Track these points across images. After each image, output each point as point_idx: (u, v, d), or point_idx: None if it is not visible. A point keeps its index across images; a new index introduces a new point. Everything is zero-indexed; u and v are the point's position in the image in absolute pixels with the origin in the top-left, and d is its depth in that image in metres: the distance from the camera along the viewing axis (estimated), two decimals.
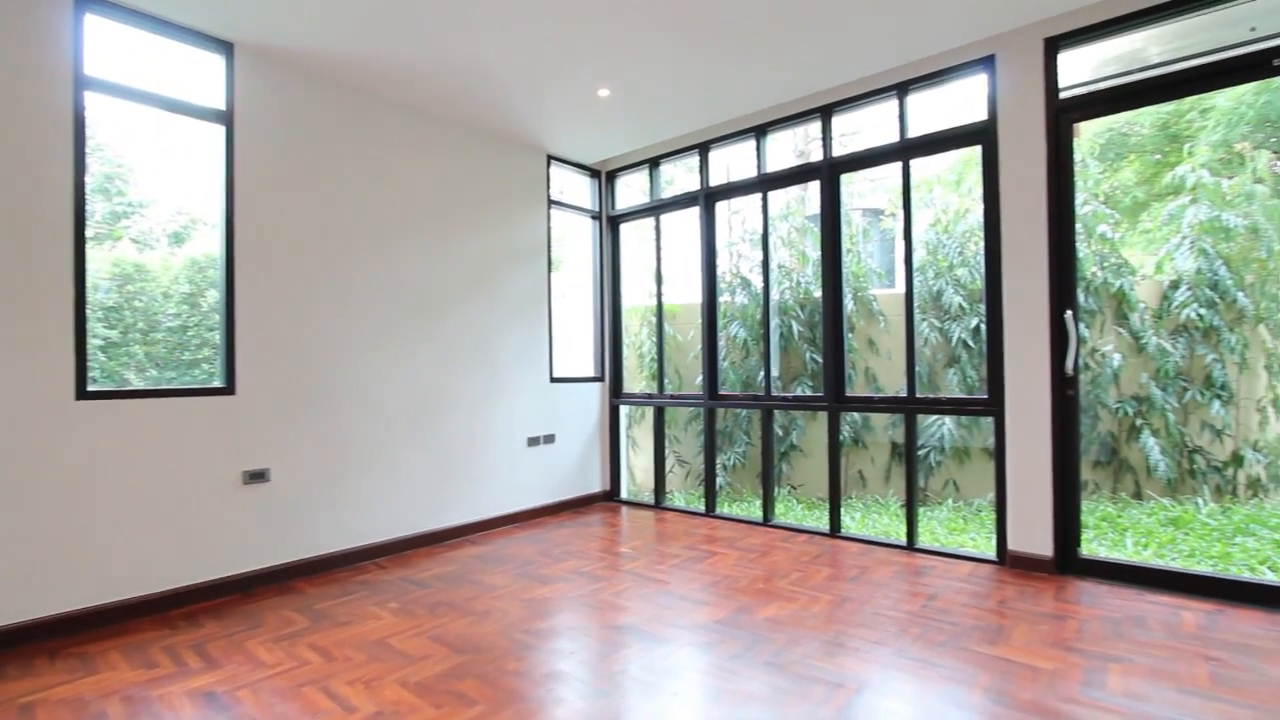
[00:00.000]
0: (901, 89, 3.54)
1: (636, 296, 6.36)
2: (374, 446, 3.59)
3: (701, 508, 4.62)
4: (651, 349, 6.06)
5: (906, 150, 3.57)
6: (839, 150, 3.88)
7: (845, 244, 5.97)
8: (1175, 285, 4.83)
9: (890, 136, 3.63)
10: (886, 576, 3.13)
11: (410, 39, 3.07)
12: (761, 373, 4.43)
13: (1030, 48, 3.11)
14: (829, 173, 3.85)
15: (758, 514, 4.34)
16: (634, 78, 3.55)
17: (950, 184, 6.06)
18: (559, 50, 3.22)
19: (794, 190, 6.19)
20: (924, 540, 3.89)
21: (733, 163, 5.38)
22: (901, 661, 2.24)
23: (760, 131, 4.16)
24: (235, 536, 3.06)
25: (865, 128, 4.42)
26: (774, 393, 4.37)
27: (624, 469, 5.15)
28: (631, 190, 5.36)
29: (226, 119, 3.08)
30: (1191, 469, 4.71)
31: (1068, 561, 3.08)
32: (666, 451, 5.12)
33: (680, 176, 5.64)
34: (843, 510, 3.97)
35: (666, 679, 2.14)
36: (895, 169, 3.67)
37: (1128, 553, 3.93)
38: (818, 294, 4.01)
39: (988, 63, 3.25)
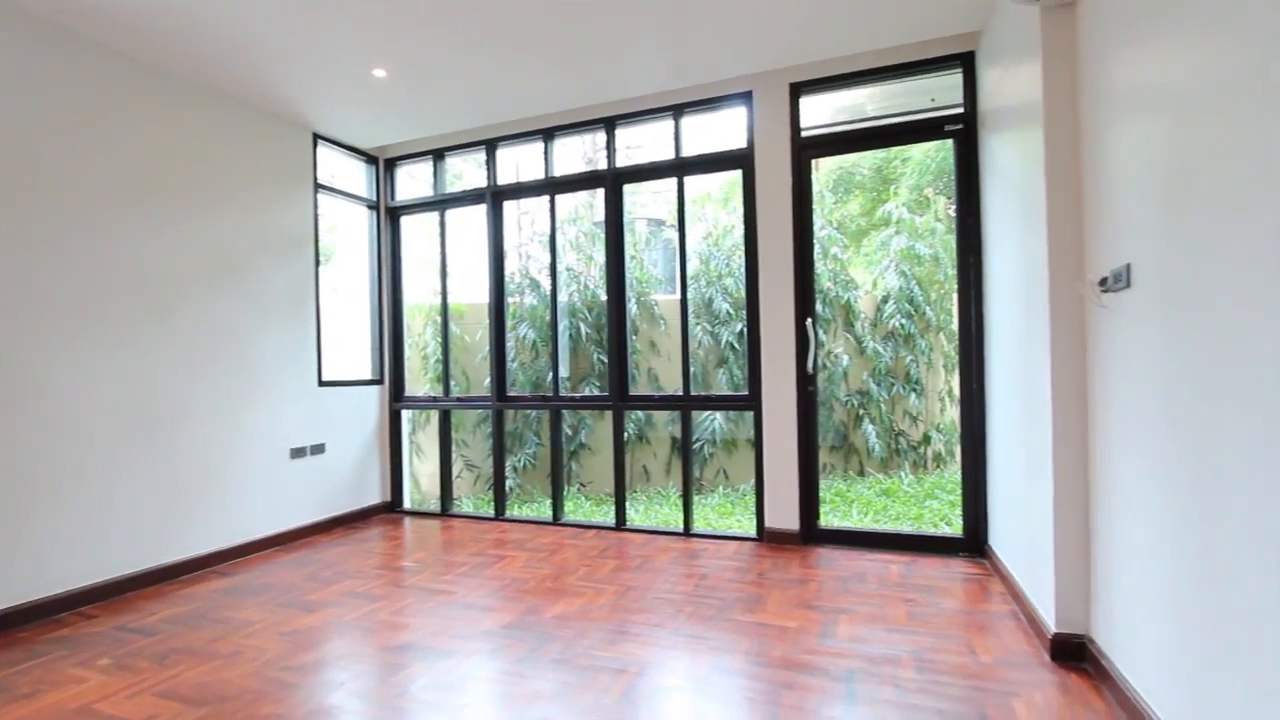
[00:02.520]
0: (677, 110, 3.84)
1: (420, 294, 6.02)
2: (74, 467, 2.90)
3: (491, 512, 4.53)
4: (436, 350, 5.77)
5: (681, 167, 3.88)
6: (623, 161, 4.08)
7: (629, 251, 6.28)
8: (885, 299, 5.92)
9: (668, 153, 3.92)
10: (666, 563, 3.36)
11: None
12: (550, 374, 4.47)
13: (779, 89, 3.58)
14: (613, 182, 4.03)
15: (548, 514, 4.37)
16: (414, 62, 3.36)
17: (720, 201, 6.72)
18: (326, 18, 2.92)
19: (582, 195, 6.35)
20: (699, 526, 4.26)
21: (522, 162, 5.36)
22: (677, 640, 2.43)
23: (548, 135, 4.20)
24: None
25: (648, 142, 4.71)
26: (562, 393, 4.45)
27: (407, 477, 4.84)
28: (416, 181, 5.06)
29: None
30: (897, 449, 5.82)
31: (810, 533, 3.60)
32: (454, 456, 4.92)
33: (469, 171, 5.46)
34: (628, 504, 4.18)
35: (451, 694, 2.06)
36: (673, 183, 3.97)
37: (854, 521, 4.72)
38: (604, 297, 4.20)
39: (747, 97, 3.67)
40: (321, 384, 4.22)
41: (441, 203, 4.58)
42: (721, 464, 5.87)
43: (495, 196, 4.38)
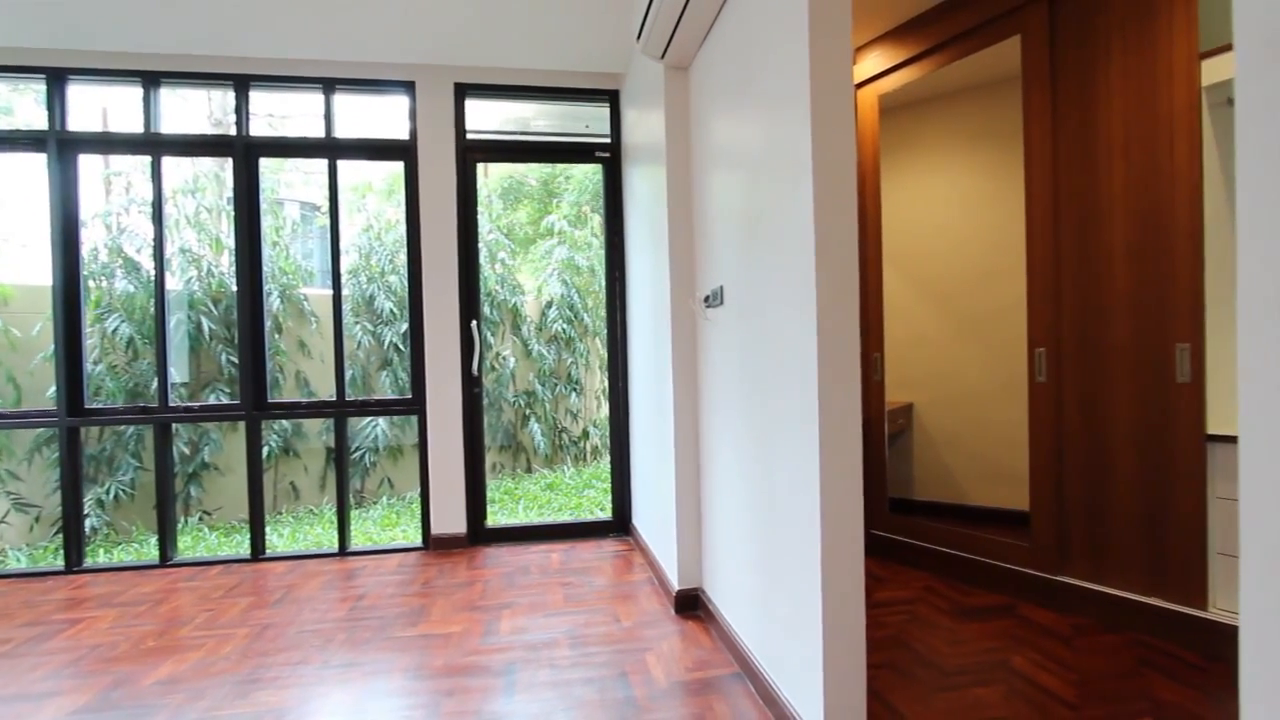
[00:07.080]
0: (328, 85, 3.46)
1: None
2: None
3: (60, 564, 3.42)
4: None
5: (334, 149, 3.50)
6: (263, 130, 3.51)
7: (271, 235, 5.47)
8: (549, 305, 6.30)
9: (319, 131, 3.50)
10: (315, 590, 3.00)
11: None
12: (156, 379, 3.58)
13: (444, 86, 3.52)
14: (245, 152, 3.43)
15: (154, 555, 3.50)
16: None
17: (383, 194, 6.30)
18: None
19: (207, 163, 5.27)
20: (359, 542, 3.92)
21: (114, 108, 4.20)
22: (326, 673, 2.19)
23: (151, 79, 3.36)
24: None
25: (298, 115, 4.14)
26: (174, 403, 3.62)
27: None
28: None
29: None
30: (560, 444, 6.25)
31: (479, 534, 3.62)
32: None
33: (24, 106, 4.07)
34: (269, 528, 3.62)
35: None
36: (325, 165, 3.56)
37: (521, 517, 4.91)
38: (236, 288, 3.49)
39: (409, 87, 3.51)
40: None
41: None
42: (386, 472, 5.50)
43: (65, 145, 3.32)
